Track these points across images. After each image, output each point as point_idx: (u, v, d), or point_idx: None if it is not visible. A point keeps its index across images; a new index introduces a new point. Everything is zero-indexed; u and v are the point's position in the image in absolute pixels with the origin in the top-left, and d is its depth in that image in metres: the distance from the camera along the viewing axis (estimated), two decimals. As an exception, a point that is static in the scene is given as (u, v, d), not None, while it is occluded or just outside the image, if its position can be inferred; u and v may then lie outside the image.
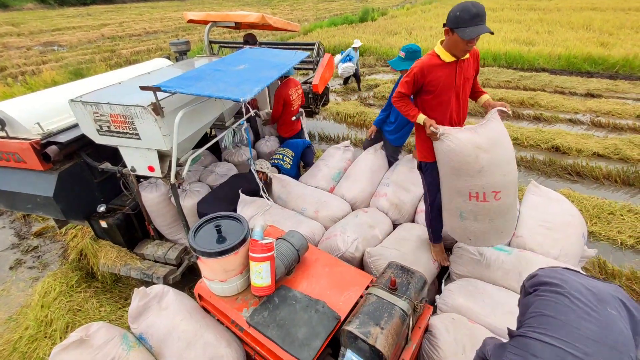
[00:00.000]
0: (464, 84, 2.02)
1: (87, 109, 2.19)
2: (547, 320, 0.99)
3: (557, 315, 0.98)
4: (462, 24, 1.74)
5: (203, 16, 3.88)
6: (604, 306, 0.96)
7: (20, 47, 14.59)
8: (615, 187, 3.94)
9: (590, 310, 0.95)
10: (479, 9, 1.72)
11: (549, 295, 1.04)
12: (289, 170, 3.44)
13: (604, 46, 8.97)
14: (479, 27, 1.73)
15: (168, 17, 24.21)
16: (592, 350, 0.89)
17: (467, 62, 1.99)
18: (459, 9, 1.75)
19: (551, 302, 1.02)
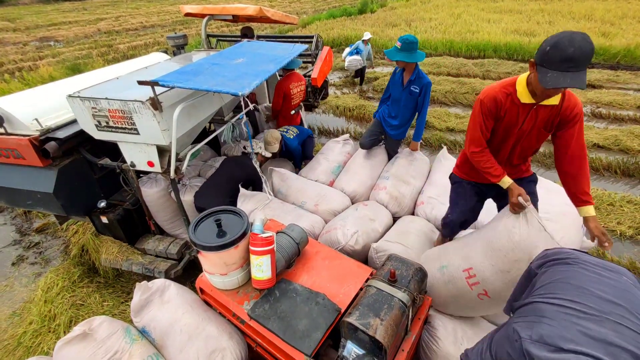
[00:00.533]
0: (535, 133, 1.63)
1: (85, 105, 2.19)
2: (556, 285, 0.93)
3: (567, 280, 0.93)
4: (547, 63, 1.33)
5: (200, 9, 3.84)
6: (619, 275, 0.92)
7: (17, 42, 14.47)
8: (615, 178, 3.94)
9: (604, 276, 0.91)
10: (576, 52, 1.25)
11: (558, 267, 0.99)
12: (292, 140, 3.44)
13: (605, 36, 8.89)
14: (567, 77, 1.27)
15: (165, 11, 23.96)
16: (607, 309, 0.84)
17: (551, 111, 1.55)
18: (552, 42, 1.32)
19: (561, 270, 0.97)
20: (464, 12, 13.88)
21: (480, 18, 12.53)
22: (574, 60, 1.26)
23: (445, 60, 8.47)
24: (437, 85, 6.93)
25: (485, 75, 7.49)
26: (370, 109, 6.04)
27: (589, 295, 0.88)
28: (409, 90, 2.94)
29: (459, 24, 11.63)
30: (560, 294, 0.91)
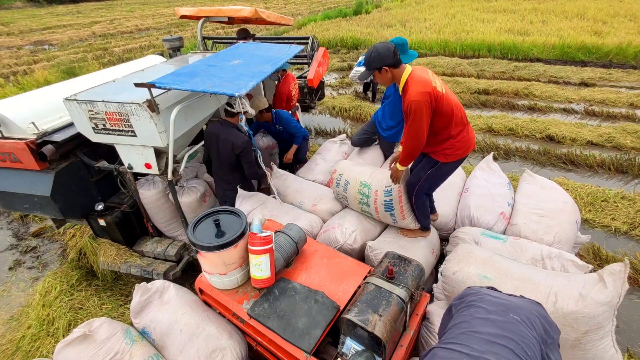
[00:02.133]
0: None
1: (82, 107, 2.19)
2: (454, 332, 1.13)
3: (462, 325, 1.13)
4: None
5: (195, 11, 3.85)
6: (507, 313, 1.09)
7: (11, 46, 14.37)
8: (608, 175, 3.99)
9: (493, 317, 1.09)
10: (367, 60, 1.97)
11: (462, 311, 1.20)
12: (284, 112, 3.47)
13: (597, 35, 8.99)
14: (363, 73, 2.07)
15: (160, 14, 23.91)
16: (485, 349, 1.01)
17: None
18: None
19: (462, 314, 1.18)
20: (458, 12, 13.97)
21: (474, 18, 12.62)
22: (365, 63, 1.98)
23: (440, 60, 8.53)
24: (432, 85, 6.95)
25: (480, 74, 7.56)
26: (366, 109, 6.07)
27: (475, 338, 1.05)
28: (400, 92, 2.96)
29: (454, 24, 11.72)
30: (454, 339, 1.09)
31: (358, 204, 2.57)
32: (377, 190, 2.39)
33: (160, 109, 2.11)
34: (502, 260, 1.91)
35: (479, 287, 1.31)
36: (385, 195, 2.36)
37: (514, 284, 1.73)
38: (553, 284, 1.67)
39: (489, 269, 1.84)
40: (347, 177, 2.58)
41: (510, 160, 4.44)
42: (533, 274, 1.78)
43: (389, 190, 2.34)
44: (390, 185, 2.31)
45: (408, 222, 2.43)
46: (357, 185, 2.50)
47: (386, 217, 2.47)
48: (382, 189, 2.36)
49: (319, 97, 5.15)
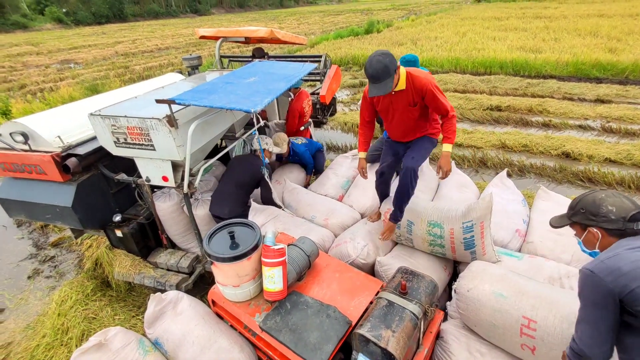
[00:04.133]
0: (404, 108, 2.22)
1: (106, 122, 2.29)
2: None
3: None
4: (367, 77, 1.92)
5: (214, 32, 4.02)
6: None
7: (39, 65, 15.21)
8: (629, 193, 3.88)
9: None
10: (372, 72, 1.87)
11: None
12: (299, 146, 3.55)
13: (612, 52, 8.93)
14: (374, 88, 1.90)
15: (179, 34, 24.98)
16: None
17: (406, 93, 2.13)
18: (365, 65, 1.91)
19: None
20: (469, 31, 14.14)
21: (485, 36, 12.73)
22: (373, 77, 1.88)
23: (452, 77, 8.58)
24: (444, 102, 6.99)
25: (492, 91, 7.56)
26: (376, 125, 6.11)
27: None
28: None
29: (465, 42, 11.84)
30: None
31: (428, 246, 2.35)
32: (453, 229, 2.18)
33: (178, 124, 2.19)
34: (518, 278, 1.85)
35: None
36: (465, 232, 2.14)
37: (531, 302, 1.67)
38: (572, 302, 1.62)
39: (505, 287, 1.79)
40: (409, 217, 2.36)
41: (524, 177, 4.37)
42: (551, 292, 1.72)
43: (469, 226, 2.12)
44: (471, 220, 2.12)
45: (488, 258, 2.19)
46: (424, 226, 2.29)
47: (464, 256, 2.24)
48: (458, 226, 2.15)
49: (331, 113, 5.24)
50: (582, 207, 1.29)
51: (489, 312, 1.74)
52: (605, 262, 1.12)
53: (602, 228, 1.23)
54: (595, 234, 1.25)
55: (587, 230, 1.28)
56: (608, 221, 1.21)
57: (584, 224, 1.29)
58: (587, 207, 1.27)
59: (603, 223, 1.22)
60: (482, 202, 2.14)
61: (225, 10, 57.84)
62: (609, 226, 1.21)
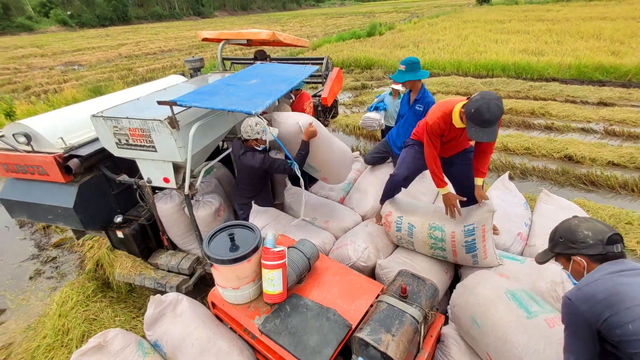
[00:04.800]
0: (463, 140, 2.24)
1: (108, 124, 2.30)
2: None
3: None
4: (471, 120, 1.77)
5: (217, 35, 4.04)
6: None
7: (44, 67, 15.34)
8: (632, 197, 3.85)
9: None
10: (491, 117, 1.72)
11: None
12: None
13: (615, 55, 8.90)
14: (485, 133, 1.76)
15: (182, 36, 25.14)
16: None
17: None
18: (476, 107, 1.74)
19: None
20: (471, 34, 14.14)
21: (487, 39, 12.73)
22: (489, 122, 1.74)
23: (454, 80, 8.58)
24: (446, 104, 6.98)
25: (494, 93, 7.54)
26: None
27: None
28: (414, 110, 3.01)
29: (467, 45, 11.84)
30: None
31: (429, 249, 2.34)
32: (454, 232, 2.17)
33: (180, 125, 2.20)
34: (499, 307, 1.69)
35: None
36: (467, 235, 2.13)
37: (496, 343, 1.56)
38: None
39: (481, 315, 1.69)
40: (411, 220, 2.35)
41: (527, 180, 4.35)
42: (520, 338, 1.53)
43: (470, 229, 2.11)
44: (472, 224, 2.11)
45: (490, 261, 2.19)
46: (425, 229, 2.28)
47: (466, 259, 2.23)
48: (460, 229, 2.14)
49: (333, 116, 5.24)
50: (560, 236, 1.26)
51: (465, 332, 1.77)
52: (582, 290, 1.10)
53: (585, 255, 1.19)
54: (580, 262, 1.20)
55: (572, 260, 1.23)
56: (587, 247, 1.18)
57: (567, 254, 1.25)
58: (564, 235, 1.24)
59: (583, 249, 1.19)
60: (484, 205, 2.14)
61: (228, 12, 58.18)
62: (590, 252, 1.17)
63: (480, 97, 1.75)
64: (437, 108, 2.08)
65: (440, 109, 2.06)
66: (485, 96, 1.73)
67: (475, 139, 1.78)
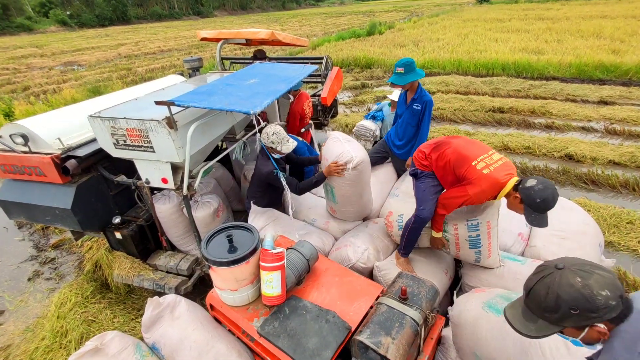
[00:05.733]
0: None
1: (105, 124, 2.28)
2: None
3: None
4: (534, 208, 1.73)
5: (215, 34, 4.02)
6: None
7: (43, 67, 15.32)
8: (633, 196, 3.83)
9: None
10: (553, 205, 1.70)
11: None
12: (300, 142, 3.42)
13: (615, 53, 8.88)
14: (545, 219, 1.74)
15: (182, 36, 25.10)
16: None
17: None
18: (542, 197, 1.69)
19: None
20: (471, 33, 14.11)
21: (487, 38, 12.70)
22: (550, 209, 1.72)
23: (454, 79, 8.56)
24: (446, 103, 6.97)
25: (494, 92, 7.52)
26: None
27: None
28: (412, 109, 2.99)
29: (467, 44, 11.81)
30: None
31: None
32: (457, 225, 2.13)
33: (178, 125, 2.18)
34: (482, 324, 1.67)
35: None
36: (470, 229, 2.07)
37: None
38: None
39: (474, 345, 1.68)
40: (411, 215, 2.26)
41: (527, 179, 4.33)
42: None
43: (474, 224, 2.06)
44: (477, 218, 2.06)
45: (493, 261, 2.16)
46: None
47: (469, 255, 2.19)
48: (463, 222, 2.09)
49: (332, 115, 5.23)
50: (572, 308, 0.97)
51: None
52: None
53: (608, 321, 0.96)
54: (602, 329, 0.97)
55: (587, 329, 0.99)
56: (611, 310, 0.93)
57: (583, 325, 0.99)
58: (579, 306, 0.96)
59: (606, 315, 0.94)
60: (489, 201, 2.06)
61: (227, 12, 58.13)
62: (614, 314, 0.94)
63: (543, 186, 1.70)
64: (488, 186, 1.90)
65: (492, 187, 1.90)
66: (548, 186, 1.70)
67: (538, 226, 1.76)
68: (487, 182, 1.88)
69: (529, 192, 1.72)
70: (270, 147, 2.62)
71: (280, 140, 2.59)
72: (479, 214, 2.07)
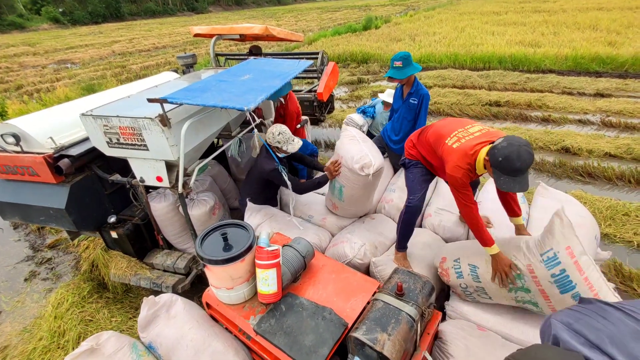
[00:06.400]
0: None
1: (98, 122, 2.25)
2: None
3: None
4: (499, 169, 1.58)
5: (208, 30, 3.98)
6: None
7: (36, 65, 15.13)
8: (629, 188, 3.85)
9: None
10: (522, 165, 1.52)
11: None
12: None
13: (612, 45, 8.86)
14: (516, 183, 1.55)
15: (176, 32, 24.85)
16: None
17: None
18: (504, 155, 1.55)
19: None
20: (467, 26, 14.04)
21: (484, 31, 12.65)
22: (520, 171, 1.54)
23: (450, 73, 8.53)
24: (442, 98, 6.96)
25: (490, 86, 7.51)
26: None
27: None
28: (408, 103, 2.98)
29: (463, 37, 11.76)
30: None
31: (510, 293, 1.80)
32: (531, 264, 1.64)
33: (171, 123, 2.15)
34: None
35: None
36: (549, 265, 1.58)
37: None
38: None
39: None
40: (470, 259, 1.91)
41: (524, 172, 4.34)
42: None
43: (551, 257, 1.58)
44: (551, 248, 1.59)
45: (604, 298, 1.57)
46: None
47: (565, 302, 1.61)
48: (537, 259, 1.62)
49: (329, 111, 5.19)
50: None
51: None
52: None
53: None
54: None
55: None
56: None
57: None
58: None
59: None
60: (557, 219, 1.64)
61: (222, 8, 57.56)
62: None
63: (507, 143, 1.55)
64: (458, 158, 1.79)
65: (462, 159, 1.78)
66: (514, 142, 1.54)
67: (507, 190, 1.56)
68: (456, 154, 1.78)
69: (492, 152, 1.60)
70: (275, 146, 2.67)
71: (287, 140, 2.65)
72: (550, 239, 1.60)
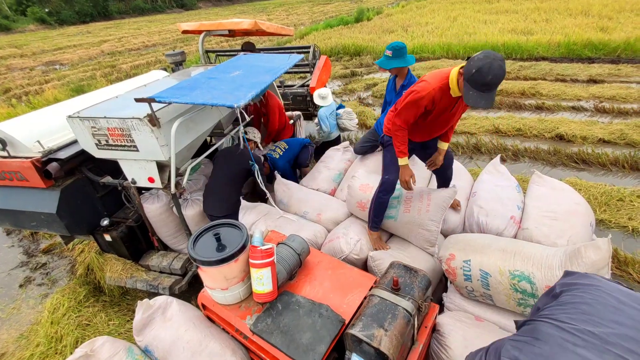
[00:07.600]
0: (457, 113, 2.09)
1: (85, 124, 2.21)
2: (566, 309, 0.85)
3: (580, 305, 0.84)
4: (470, 83, 1.59)
5: (196, 26, 3.90)
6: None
7: (24, 68, 14.86)
8: (623, 173, 3.86)
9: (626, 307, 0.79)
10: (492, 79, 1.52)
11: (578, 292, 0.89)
12: (277, 160, 3.38)
13: (604, 31, 8.84)
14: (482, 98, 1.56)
15: (166, 30, 24.48)
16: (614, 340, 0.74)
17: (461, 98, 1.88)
18: (477, 67, 1.54)
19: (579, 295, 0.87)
20: (459, 15, 13.95)
21: (476, 20, 12.57)
22: (489, 85, 1.55)
23: (444, 63, 8.48)
24: (436, 88, 6.91)
25: (484, 75, 7.47)
26: (370, 115, 6.04)
27: (598, 324, 0.78)
28: (401, 95, 2.94)
29: (456, 27, 11.68)
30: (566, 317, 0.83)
31: (517, 306, 1.75)
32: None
33: (161, 122, 2.12)
34: None
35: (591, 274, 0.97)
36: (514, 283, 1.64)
37: None
38: None
39: None
40: (482, 264, 1.82)
41: (519, 161, 4.34)
42: None
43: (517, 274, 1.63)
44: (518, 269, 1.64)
45: None
46: (505, 279, 1.72)
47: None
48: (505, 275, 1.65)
49: (322, 105, 5.14)
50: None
51: None
52: None
53: None
54: None
55: None
56: None
57: None
58: None
59: None
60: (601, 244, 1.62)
61: (212, 3, 56.74)
62: None
63: (483, 56, 1.54)
64: (430, 76, 1.83)
65: (435, 77, 1.82)
66: (489, 55, 1.52)
67: (473, 104, 1.58)
68: (429, 75, 1.84)
69: (468, 63, 1.61)
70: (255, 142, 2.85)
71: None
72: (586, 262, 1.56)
